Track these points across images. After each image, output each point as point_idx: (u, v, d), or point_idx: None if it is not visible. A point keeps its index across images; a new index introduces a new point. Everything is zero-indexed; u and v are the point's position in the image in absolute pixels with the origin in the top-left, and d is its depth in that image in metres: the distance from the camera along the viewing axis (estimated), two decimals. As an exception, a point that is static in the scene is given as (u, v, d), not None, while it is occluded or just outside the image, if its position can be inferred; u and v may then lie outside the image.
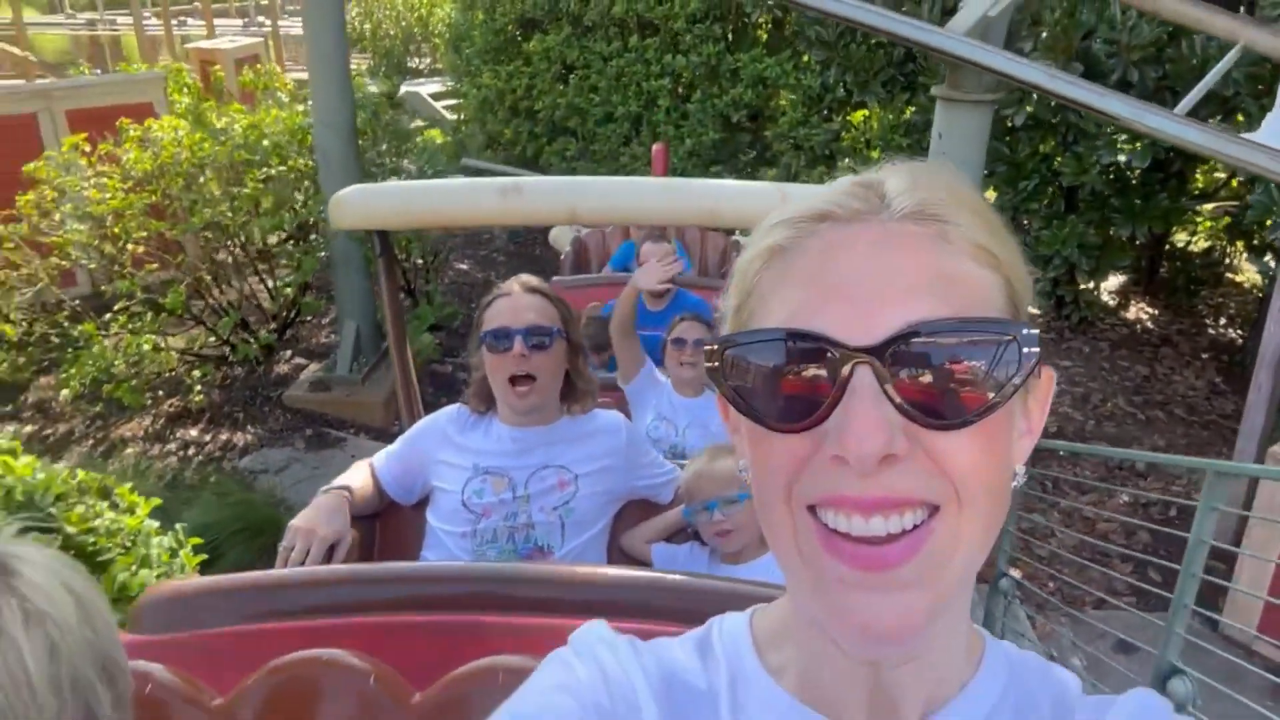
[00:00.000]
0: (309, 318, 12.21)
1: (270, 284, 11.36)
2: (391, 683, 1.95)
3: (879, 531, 0.97)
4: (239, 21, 28.06)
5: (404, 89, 15.63)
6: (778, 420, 1.02)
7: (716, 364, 1.08)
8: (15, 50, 18.12)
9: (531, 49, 15.56)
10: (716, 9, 14.74)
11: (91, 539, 3.67)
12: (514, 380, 3.56)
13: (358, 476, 3.69)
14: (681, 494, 3.78)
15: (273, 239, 10.98)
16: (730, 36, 15.30)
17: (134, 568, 3.79)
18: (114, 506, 3.99)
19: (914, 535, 0.98)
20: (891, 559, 0.97)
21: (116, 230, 9.91)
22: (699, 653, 1.26)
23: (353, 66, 11.72)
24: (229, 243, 10.75)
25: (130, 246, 9.94)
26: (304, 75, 11.11)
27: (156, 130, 10.47)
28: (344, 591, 2.12)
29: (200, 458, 9.61)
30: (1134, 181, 11.65)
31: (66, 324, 9.80)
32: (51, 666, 1.23)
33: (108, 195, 9.89)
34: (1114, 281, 13.84)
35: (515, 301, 3.64)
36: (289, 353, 11.93)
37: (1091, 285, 12.63)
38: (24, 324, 9.94)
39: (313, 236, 10.97)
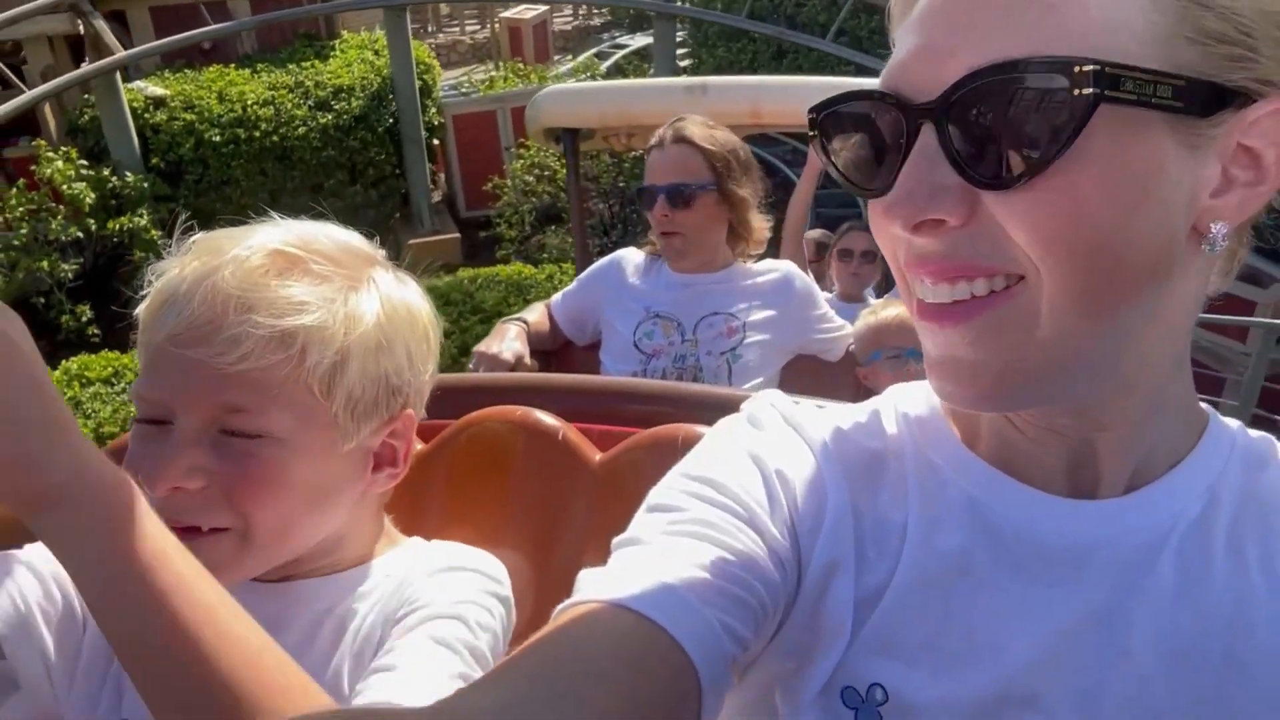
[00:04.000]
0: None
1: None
2: (578, 442, 1.17)
3: (944, 299, 0.56)
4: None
5: (641, 39, 14.41)
6: (867, 186, 0.58)
7: (815, 133, 0.61)
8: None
9: (756, 35, 13.72)
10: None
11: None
12: (664, 234, 2.21)
13: (534, 313, 2.37)
14: (866, 337, 2.20)
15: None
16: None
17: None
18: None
19: (984, 301, 0.54)
20: (956, 317, 0.55)
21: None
22: (877, 418, 0.73)
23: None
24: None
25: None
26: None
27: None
28: (531, 398, 1.24)
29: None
30: None
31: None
32: (385, 303, 0.88)
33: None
34: None
35: (662, 156, 2.15)
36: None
37: None
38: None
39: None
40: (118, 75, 9.13)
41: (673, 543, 0.60)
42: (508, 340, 2.12)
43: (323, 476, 0.86)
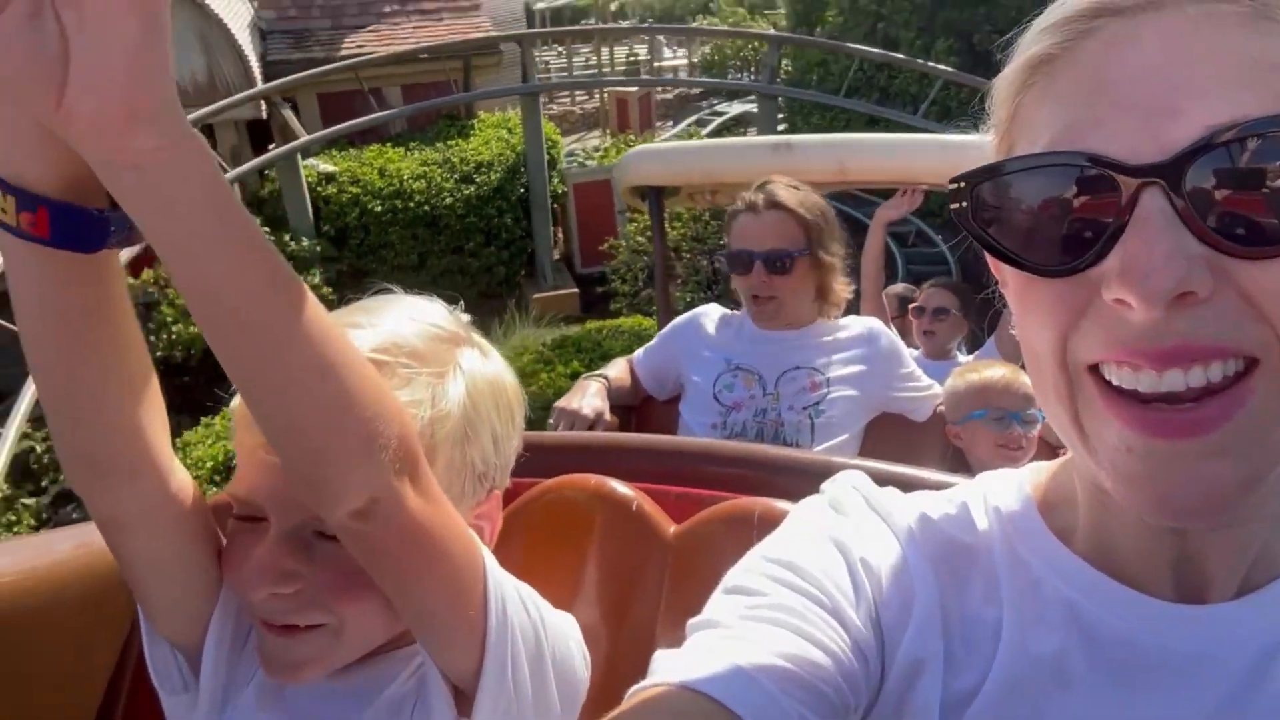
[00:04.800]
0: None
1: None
2: (652, 512, 1.04)
3: (1176, 386, 0.42)
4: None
5: (739, 106, 13.80)
6: (1045, 263, 0.45)
7: (964, 204, 0.48)
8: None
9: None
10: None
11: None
12: (756, 298, 1.98)
13: (616, 369, 2.13)
14: (965, 395, 1.89)
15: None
16: None
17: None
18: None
19: (1227, 396, 0.42)
20: (1196, 427, 0.42)
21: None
22: (966, 509, 0.59)
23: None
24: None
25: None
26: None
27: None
28: (608, 457, 1.13)
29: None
30: None
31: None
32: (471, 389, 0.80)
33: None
34: None
35: (758, 221, 1.94)
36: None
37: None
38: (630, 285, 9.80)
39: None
40: (298, 155, 9.71)
41: (752, 628, 0.52)
42: (588, 396, 1.94)
43: None
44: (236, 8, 10.52)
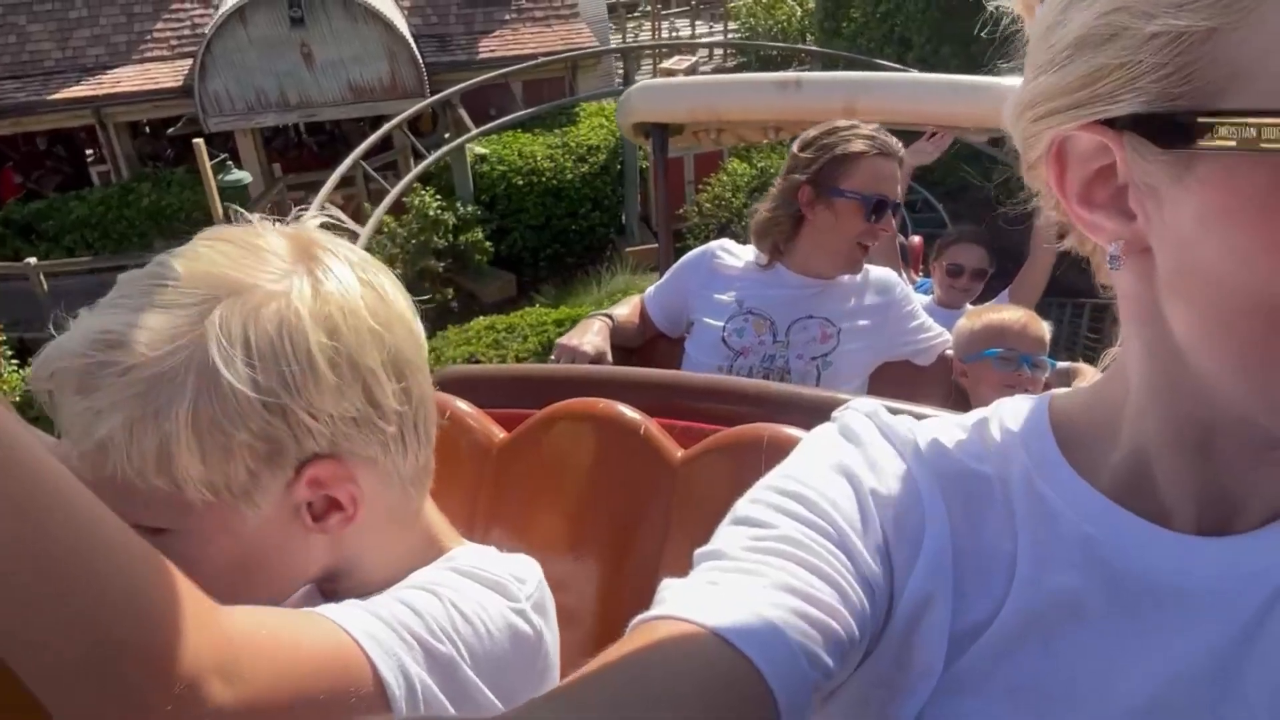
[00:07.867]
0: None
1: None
2: (660, 438, 0.74)
3: None
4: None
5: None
6: None
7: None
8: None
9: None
10: None
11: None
12: (862, 245, 1.35)
13: (624, 308, 1.50)
14: (979, 334, 1.34)
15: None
16: None
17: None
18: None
19: None
20: None
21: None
22: (983, 437, 0.41)
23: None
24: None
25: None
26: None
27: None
28: (610, 391, 0.77)
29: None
30: None
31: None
32: (331, 341, 0.42)
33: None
34: None
35: (888, 166, 1.32)
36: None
37: None
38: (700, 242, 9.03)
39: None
40: (465, 144, 9.57)
41: (758, 561, 0.37)
42: (590, 335, 1.40)
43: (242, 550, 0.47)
44: (399, 19, 10.12)
